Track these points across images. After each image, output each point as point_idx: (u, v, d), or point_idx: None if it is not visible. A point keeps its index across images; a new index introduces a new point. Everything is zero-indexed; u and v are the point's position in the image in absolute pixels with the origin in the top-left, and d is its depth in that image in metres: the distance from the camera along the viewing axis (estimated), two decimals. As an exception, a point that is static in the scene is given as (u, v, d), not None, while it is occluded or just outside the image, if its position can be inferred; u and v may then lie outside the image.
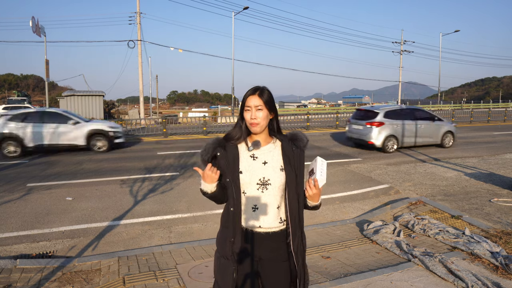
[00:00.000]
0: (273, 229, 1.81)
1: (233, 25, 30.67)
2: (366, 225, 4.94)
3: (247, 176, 1.78)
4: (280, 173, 1.79)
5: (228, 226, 1.82)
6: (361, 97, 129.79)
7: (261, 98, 1.77)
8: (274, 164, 1.81)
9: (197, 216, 5.77)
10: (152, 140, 15.82)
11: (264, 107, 1.78)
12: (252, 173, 1.78)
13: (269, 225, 1.79)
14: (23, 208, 6.05)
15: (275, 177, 1.78)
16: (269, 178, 1.78)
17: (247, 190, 1.79)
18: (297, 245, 1.82)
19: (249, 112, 1.78)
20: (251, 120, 1.77)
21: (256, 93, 1.79)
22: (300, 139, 1.88)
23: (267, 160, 1.81)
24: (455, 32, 40.86)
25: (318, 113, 30.29)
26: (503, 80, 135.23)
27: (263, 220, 1.78)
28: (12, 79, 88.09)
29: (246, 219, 1.80)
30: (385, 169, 8.98)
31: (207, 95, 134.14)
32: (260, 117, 1.77)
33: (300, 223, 1.84)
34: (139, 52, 28.47)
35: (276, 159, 1.82)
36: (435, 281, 3.39)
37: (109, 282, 3.61)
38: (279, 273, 1.83)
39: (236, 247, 1.78)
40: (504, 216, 5.32)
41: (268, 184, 1.78)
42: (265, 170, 1.79)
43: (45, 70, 15.74)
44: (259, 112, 1.77)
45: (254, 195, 1.78)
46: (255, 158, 1.81)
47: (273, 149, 1.84)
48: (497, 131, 18.14)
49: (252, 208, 1.79)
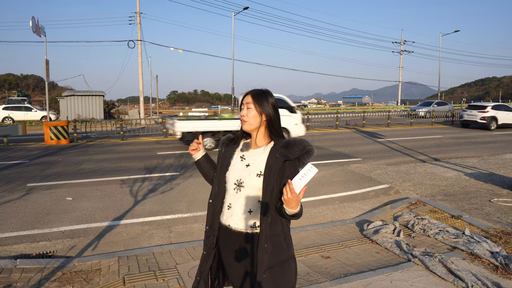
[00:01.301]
0: (242, 231, 1.78)
1: (233, 25, 30.67)
2: (366, 225, 4.95)
3: (230, 175, 1.84)
4: (256, 178, 1.75)
5: (208, 215, 1.93)
6: (361, 97, 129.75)
7: (252, 98, 1.83)
8: (253, 169, 1.79)
9: (197, 216, 5.77)
10: (152, 140, 15.82)
11: (253, 106, 1.81)
12: (234, 173, 1.83)
13: (237, 226, 1.80)
14: (23, 208, 6.05)
15: (249, 181, 1.77)
16: (243, 180, 1.79)
17: (228, 188, 1.85)
18: (263, 254, 1.69)
19: (242, 110, 1.86)
20: (241, 117, 1.85)
21: (251, 92, 1.85)
22: (291, 147, 1.74)
23: (250, 163, 1.82)
24: (455, 32, 40.86)
25: (318, 113, 30.31)
26: (503, 80, 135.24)
27: (232, 220, 1.81)
28: (12, 79, 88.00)
29: (222, 214, 1.87)
30: (385, 169, 8.98)
31: (207, 95, 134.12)
32: (248, 115, 1.81)
33: (271, 233, 1.71)
34: (139, 52, 28.49)
35: (258, 163, 1.79)
36: (435, 281, 3.39)
37: (109, 282, 3.61)
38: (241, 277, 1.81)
39: (212, 235, 1.89)
40: (504, 216, 5.32)
41: (242, 187, 1.80)
42: (243, 173, 1.80)
43: (45, 70, 15.73)
44: (249, 110, 1.82)
45: (231, 194, 1.84)
46: (243, 159, 1.85)
47: (261, 153, 1.82)
48: (497, 131, 18.15)
49: (227, 206, 1.85)
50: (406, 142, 14.21)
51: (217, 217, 1.88)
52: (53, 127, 14.67)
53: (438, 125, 22.10)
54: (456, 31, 40.83)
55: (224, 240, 1.86)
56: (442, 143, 13.83)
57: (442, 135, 16.40)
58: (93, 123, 20.10)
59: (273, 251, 1.72)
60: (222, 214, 1.87)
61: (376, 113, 29.70)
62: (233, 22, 30.65)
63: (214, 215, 1.89)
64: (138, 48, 28.42)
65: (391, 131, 18.70)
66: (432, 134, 16.82)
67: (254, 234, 1.77)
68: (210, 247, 1.90)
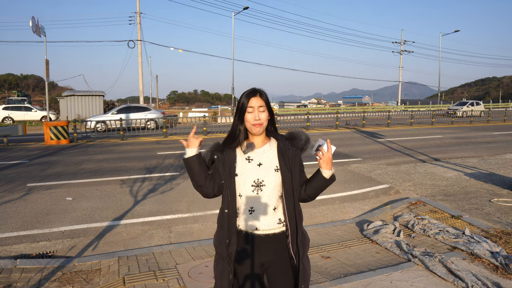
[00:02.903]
0: (272, 231, 1.80)
1: (233, 25, 30.68)
2: (366, 225, 4.94)
3: (241, 179, 1.79)
4: (275, 173, 1.78)
5: (223, 226, 1.83)
6: (361, 97, 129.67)
7: (262, 99, 1.79)
8: (268, 165, 1.80)
9: (197, 216, 5.77)
10: (152, 140, 15.82)
11: (265, 108, 1.80)
12: (247, 176, 1.78)
13: (267, 226, 1.79)
14: (23, 208, 6.05)
15: (270, 178, 1.78)
16: (263, 179, 1.78)
17: (243, 193, 1.79)
18: (297, 246, 1.81)
19: (252, 113, 1.78)
20: (255, 121, 1.77)
21: (257, 94, 1.80)
22: (297, 138, 1.87)
23: (262, 161, 1.81)
24: (455, 32, 40.88)
25: (318, 113, 30.30)
26: (503, 80, 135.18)
27: (260, 222, 1.78)
28: (12, 79, 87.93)
29: (245, 221, 1.80)
30: (385, 169, 8.98)
31: (207, 95, 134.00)
32: (263, 118, 1.78)
33: (298, 223, 1.82)
34: (139, 52, 28.48)
35: (271, 160, 1.81)
36: (435, 281, 3.39)
37: (109, 282, 3.61)
38: (283, 275, 1.83)
39: (231, 249, 1.79)
40: (504, 216, 5.32)
41: (262, 186, 1.77)
42: (260, 172, 1.79)
43: (45, 70, 15.73)
44: (262, 113, 1.78)
45: (250, 197, 1.78)
46: (250, 160, 1.81)
47: (268, 150, 1.83)
48: (497, 131, 18.15)
49: (249, 211, 1.79)
50: (406, 142, 14.21)
51: (234, 225, 1.81)
52: (53, 127, 14.67)
53: (438, 125, 22.10)
54: (456, 31, 40.84)
55: (251, 247, 1.81)
56: (442, 143, 13.83)
57: (442, 135, 16.40)
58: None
59: (303, 240, 1.84)
60: (241, 220, 1.81)
61: (376, 113, 29.71)
62: (233, 22, 30.68)
63: (232, 226, 1.81)
64: (138, 48, 28.42)
65: (391, 131, 18.70)
66: (432, 134, 16.82)
67: (282, 231, 1.82)
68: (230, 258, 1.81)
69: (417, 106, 46.52)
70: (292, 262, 1.82)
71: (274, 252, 1.81)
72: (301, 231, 1.84)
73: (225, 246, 1.81)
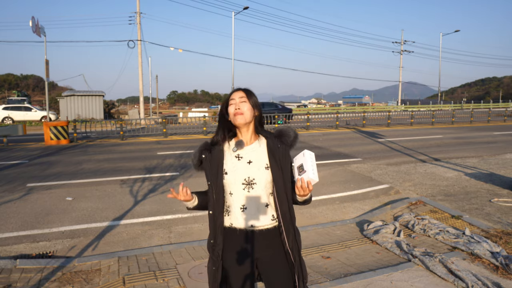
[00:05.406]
0: (266, 227, 1.82)
1: (233, 25, 30.69)
2: (366, 225, 4.94)
3: (231, 177, 1.79)
4: (265, 171, 1.79)
5: (210, 227, 1.87)
6: (361, 97, 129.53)
7: (244, 92, 1.83)
8: (259, 163, 1.81)
9: (197, 216, 5.76)
10: (152, 140, 15.82)
11: (247, 99, 1.82)
12: (237, 174, 1.79)
13: (261, 223, 1.81)
14: (23, 208, 6.04)
15: (260, 175, 1.79)
16: (254, 177, 1.79)
17: (233, 191, 1.80)
18: (292, 241, 1.82)
19: (233, 104, 1.81)
20: (235, 111, 1.79)
21: (240, 90, 1.86)
22: (286, 135, 1.86)
23: (251, 159, 1.81)
24: (455, 32, 40.89)
25: (318, 113, 30.32)
26: (503, 80, 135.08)
27: (253, 219, 1.80)
28: (12, 79, 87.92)
29: (237, 219, 1.81)
30: (385, 169, 8.97)
31: (207, 95, 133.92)
32: (244, 108, 1.80)
33: (291, 219, 1.84)
34: (139, 52, 28.49)
35: (261, 157, 1.82)
36: (435, 281, 3.39)
37: (109, 282, 3.61)
38: (280, 270, 1.84)
39: (218, 249, 1.83)
40: (504, 216, 5.32)
41: (253, 184, 1.78)
42: (250, 170, 1.79)
43: (45, 70, 15.73)
44: (243, 103, 1.80)
45: (241, 195, 1.79)
46: (240, 158, 1.82)
47: (258, 147, 1.84)
48: (497, 131, 18.15)
49: (240, 209, 1.80)
50: (406, 142, 14.20)
51: (219, 225, 1.84)
52: (53, 127, 14.67)
53: (438, 125, 22.10)
54: (456, 31, 40.85)
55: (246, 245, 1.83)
56: (443, 143, 13.83)
57: (443, 135, 16.40)
58: (93, 123, 20.09)
59: (296, 235, 1.85)
60: (234, 218, 1.82)
61: (376, 113, 29.70)
62: (233, 22, 30.68)
63: (217, 226, 1.84)
64: (138, 48, 28.43)
65: (391, 131, 18.70)
66: (432, 134, 16.81)
67: (275, 226, 1.83)
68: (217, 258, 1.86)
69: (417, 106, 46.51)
70: (288, 257, 1.83)
71: (269, 247, 1.83)
72: (293, 227, 1.86)
73: (211, 246, 1.86)
